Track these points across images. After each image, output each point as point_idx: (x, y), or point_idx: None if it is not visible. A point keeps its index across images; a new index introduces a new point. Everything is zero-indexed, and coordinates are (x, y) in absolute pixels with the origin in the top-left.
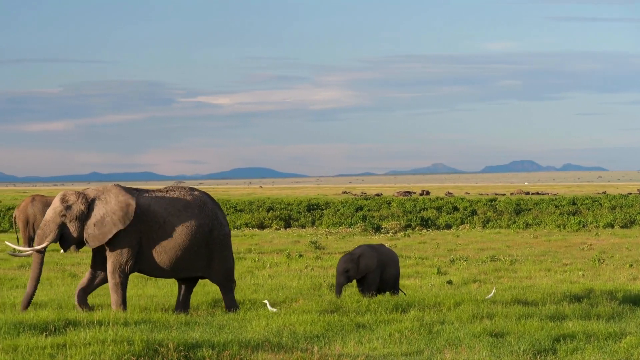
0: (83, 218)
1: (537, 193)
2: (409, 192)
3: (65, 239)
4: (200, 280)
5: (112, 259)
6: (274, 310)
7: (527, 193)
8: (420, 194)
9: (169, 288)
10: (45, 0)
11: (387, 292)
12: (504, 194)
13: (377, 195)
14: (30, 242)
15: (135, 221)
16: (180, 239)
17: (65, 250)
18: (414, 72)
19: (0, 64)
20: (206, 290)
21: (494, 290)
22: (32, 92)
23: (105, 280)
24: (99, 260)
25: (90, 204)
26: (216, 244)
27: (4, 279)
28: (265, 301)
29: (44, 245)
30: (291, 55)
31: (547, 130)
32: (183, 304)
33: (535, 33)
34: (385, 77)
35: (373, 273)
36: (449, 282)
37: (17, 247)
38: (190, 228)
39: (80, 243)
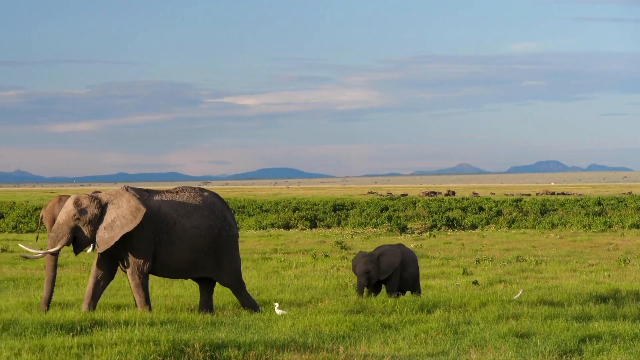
0: (96, 222)
1: (563, 193)
2: (435, 193)
3: (78, 242)
4: None
5: (130, 261)
6: (283, 312)
7: (553, 193)
8: (446, 195)
9: (195, 288)
10: (72, 1)
11: (408, 292)
12: (530, 195)
13: (403, 195)
14: None
15: (147, 222)
16: (191, 240)
17: (76, 254)
18: (439, 73)
19: (27, 65)
20: None
21: (521, 292)
22: (59, 93)
23: (107, 283)
24: (104, 264)
25: (103, 208)
26: (225, 245)
27: (31, 279)
28: (276, 304)
29: (56, 248)
30: (316, 56)
31: (572, 130)
32: (207, 305)
33: (559, 33)
34: (410, 77)
35: (395, 274)
36: (475, 282)
37: (29, 250)
38: (200, 229)
39: (90, 244)
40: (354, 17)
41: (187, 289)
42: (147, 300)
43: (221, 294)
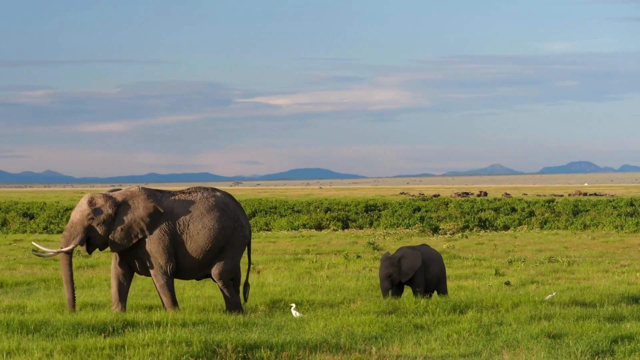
0: (110, 222)
1: (595, 194)
2: (467, 193)
3: (91, 242)
4: (258, 281)
5: (153, 263)
6: (299, 314)
7: (585, 194)
8: (478, 195)
9: None
10: (102, 1)
11: (434, 292)
12: (562, 195)
13: (435, 196)
14: None
15: (163, 222)
16: (203, 241)
17: (90, 253)
18: (472, 73)
19: (58, 64)
20: (264, 291)
21: (554, 294)
22: (89, 93)
23: (130, 281)
24: (123, 263)
25: (117, 208)
26: (234, 245)
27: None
28: (293, 304)
29: (70, 247)
30: (349, 56)
31: (605, 131)
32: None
33: (593, 34)
34: (443, 77)
35: (419, 274)
36: (507, 283)
37: (42, 248)
38: (213, 230)
39: (103, 245)
40: (387, 17)
41: (220, 290)
42: (174, 301)
43: (252, 294)
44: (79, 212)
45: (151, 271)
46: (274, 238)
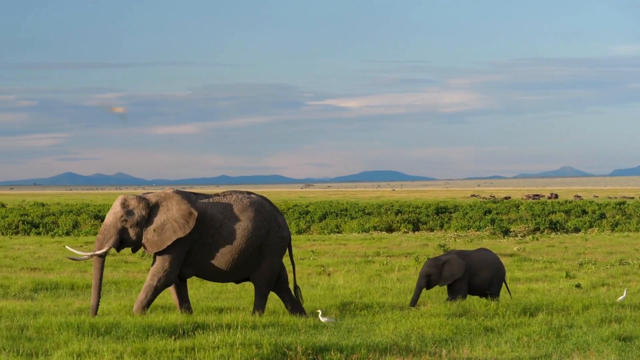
0: (143, 223)
1: None
2: (538, 195)
3: (124, 243)
4: (328, 284)
5: (158, 262)
6: (328, 319)
7: None
8: (549, 197)
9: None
10: (173, 3)
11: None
12: (633, 197)
13: (506, 198)
14: None
15: (196, 225)
16: (237, 242)
17: (118, 251)
18: (543, 75)
19: (129, 67)
20: (335, 293)
21: (625, 292)
22: (160, 95)
23: (185, 281)
24: None
25: (151, 210)
26: (272, 247)
27: (134, 282)
28: (319, 311)
29: (104, 250)
30: (420, 58)
31: None
32: (297, 308)
33: None
34: (514, 80)
35: (460, 281)
36: (578, 285)
37: (75, 252)
38: (247, 231)
39: (135, 246)
40: (457, 19)
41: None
42: (148, 305)
43: (323, 297)
44: (112, 214)
45: (152, 268)
46: (345, 240)
